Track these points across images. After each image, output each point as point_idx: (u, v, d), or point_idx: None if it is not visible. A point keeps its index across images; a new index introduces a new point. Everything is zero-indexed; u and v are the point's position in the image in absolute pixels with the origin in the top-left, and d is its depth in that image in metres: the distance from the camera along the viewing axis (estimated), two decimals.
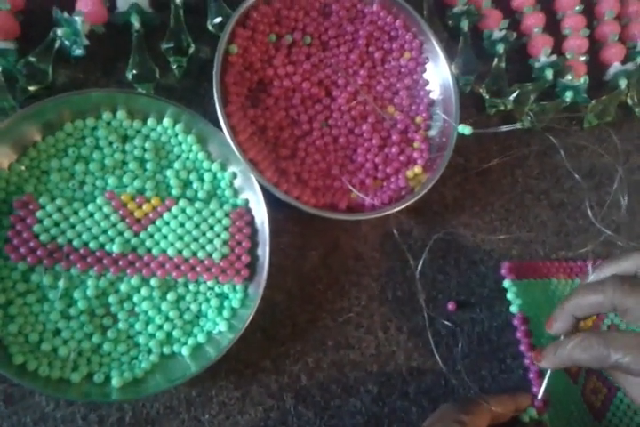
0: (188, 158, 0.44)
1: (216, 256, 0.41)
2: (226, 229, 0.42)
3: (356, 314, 0.46)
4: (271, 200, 0.43)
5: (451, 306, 0.47)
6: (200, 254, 0.41)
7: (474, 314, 0.48)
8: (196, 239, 0.42)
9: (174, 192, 0.43)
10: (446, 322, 0.46)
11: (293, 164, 0.46)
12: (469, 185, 0.51)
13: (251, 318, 0.40)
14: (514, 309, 0.47)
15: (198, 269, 0.41)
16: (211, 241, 0.42)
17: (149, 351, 0.40)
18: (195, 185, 0.44)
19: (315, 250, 0.46)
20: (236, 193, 0.44)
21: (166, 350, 0.40)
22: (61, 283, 0.39)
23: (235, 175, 0.44)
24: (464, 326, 0.47)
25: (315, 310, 0.45)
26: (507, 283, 0.48)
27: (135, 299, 0.40)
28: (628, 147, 0.56)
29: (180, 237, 0.41)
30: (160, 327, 0.40)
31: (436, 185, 0.49)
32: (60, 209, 0.40)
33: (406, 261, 0.48)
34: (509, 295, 0.47)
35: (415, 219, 0.49)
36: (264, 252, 0.42)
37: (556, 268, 0.50)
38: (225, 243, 0.42)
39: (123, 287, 0.40)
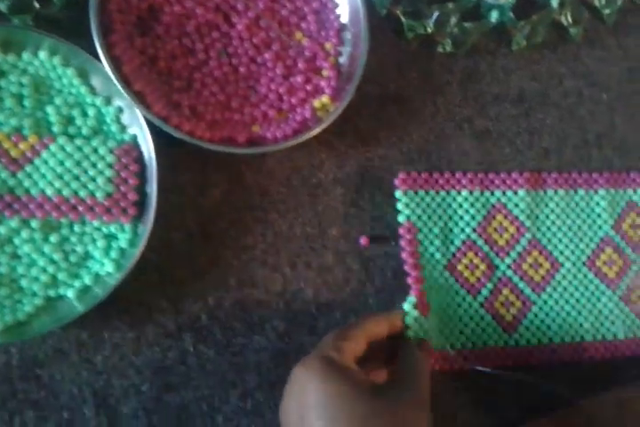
0: (69, 93, 0.42)
1: (99, 195, 0.40)
2: (110, 166, 0.40)
3: (262, 251, 0.44)
4: (167, 135, 0.40)
5: (363, 241, 0.45)
6: (82, 193, 0.39)
7: (388, 248, 0.46)
8: (77, 178, 0.40)
9: (56, 129, 0.41)
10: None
11: (188, 96, 0.43)
12: (386, 115, 0.48)
13: (138, 257, 0.38)
14: (401, 218, 0.46)
15: (80, 208, 0.39)
16: (93, 179, 0.40)
17: (34, 295, 0.39)
18: (78, 121, 0.41)
19: (216, 187, 0.44)
20: (124, 129, 0.42)
21: (52, 292, 0.39)
22: None
23: (121, 110, 0.42)
24: (377, 261, 0.45)
25: (216, 248, 0.43)
26: (398, 193, 0.46)
27: (16, 242, 0.39)
28: (561, 70, 0.52)
29: (60, 176, 0.39)
30: (44, 270, 0.39)
31: (350, 115, 0.46)
32: None
33: (316, 196, 0.46)
34: (399, 205, 0.46)
35: (326, 152, 0.47)
36: (152, 190, 0.40)
37: (457, 180, 0.48)
38: (109, 181, 0.40)
39: (2, 230, 0.38)
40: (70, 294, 0.39)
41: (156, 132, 0.41)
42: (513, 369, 0.43)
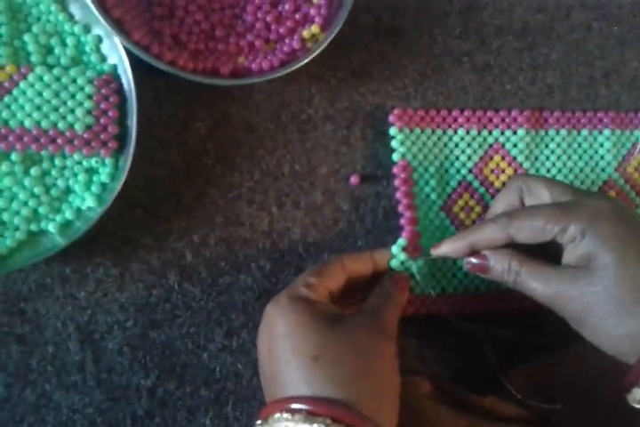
0: (48, 21, 0.40)
1: (78, 127, 0.38)
2: (89, 97, 0.39)
3: (248, 189, 0.43)
4: (148, 66, 0.38)
5: (354, 179, 0.44)
6: (60, 125, 0.38)
7: (380, 188, 0.44)
8: (55, 109, 0.38)
9: (34, 59, 0.39)
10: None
11: (170, 24, 0.41)
12: (380, 47, 0.46)
13: (118, 190, 0.37)
14: (395, 156, 0.44)
15: (59, 141, 0.38)
16: (72, 111, 0.38)
17: (16, 229, 0.38)
18: (57, 50, 0.39)
19: (201, 121, 0.42)
20: (103, 59, 0.40)
21: (34, 227, 0.38)
22: None
23: (100, 39, 0.40)
24: (368, 201, 0.44)
25: (202, 185, 0.42)
26: (392, 130, 0.44)
27: None
28: (569, 1, 0.49)
29: (39, 107, 0.38)
30: (25, 204, 0.38)
31: (342, 48, 0.44)
32: None
33: (305, 133, 0.44)
34: (394, 143, 0.44)
35: (317, 86, 0.45)
36: (132, 122, 0.38)
37: (454, 118, 0.46)
38: (88, 112, 0.38)
39: None
40: (52, 228, 0.38)
41: (137, 63, 0.39)
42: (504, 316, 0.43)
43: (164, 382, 0.40)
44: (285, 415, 0.29)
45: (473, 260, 0.37)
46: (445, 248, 0.38)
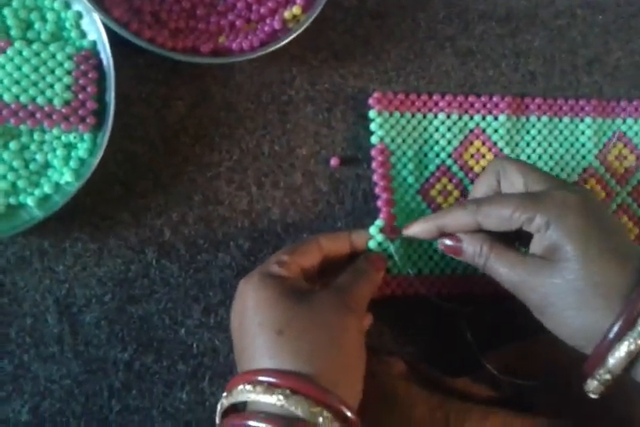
0: None
1: (57, 102, 0.38)
2: (68, 72, 0.39)
3: (227, 169, 0.43)
4: (129, 44, 0.39)
5: (334, 161, 0.44)
6: (39, 100, 0.38)
7: (360, 170, 0.45)
8: (34, 84, 0.38)
9: (13, 33, 0.39)
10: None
11: (150, 2, 0.41)
12: (363, 30, 0.46)
13: (96, 165, 0.38)
14: (374, 139, 0.44)
15: (38, 115, 0.38)
16: (51, 86, 0.39)
17: None
18: (37, 25, 0.40)
19: (181, 100, 0.43)
20: (83, 35, 0.40)
21: (12, 200, 0.39)
22: None
23: (80, 15, 0.40)
24: (348, 183, 0.45)
25: (180, 163, 0.42)
26: (372, 113, 0.44)
27: None
28: None
29: (17, 82, 0.38)
30: (4, 177, 0.38)
31: (325, 30, 0.45)
32: None
33: (286, 114, 0.44)
34: (372, 126, 0.44)
35: (298, 67, 0.45)
36: (111, 98, 0.39)
37: (435, 102, 0.46)
38: (67, 88, 0.39)
39: None
40: (30, 201, 0.39)
41: (118, 40, 0.39)
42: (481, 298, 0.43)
43: (142, 355, 0.40)
44: (248, 387, 0.30)
45: (447, 241, 0.38)
46: (415, 228, 0.38)
